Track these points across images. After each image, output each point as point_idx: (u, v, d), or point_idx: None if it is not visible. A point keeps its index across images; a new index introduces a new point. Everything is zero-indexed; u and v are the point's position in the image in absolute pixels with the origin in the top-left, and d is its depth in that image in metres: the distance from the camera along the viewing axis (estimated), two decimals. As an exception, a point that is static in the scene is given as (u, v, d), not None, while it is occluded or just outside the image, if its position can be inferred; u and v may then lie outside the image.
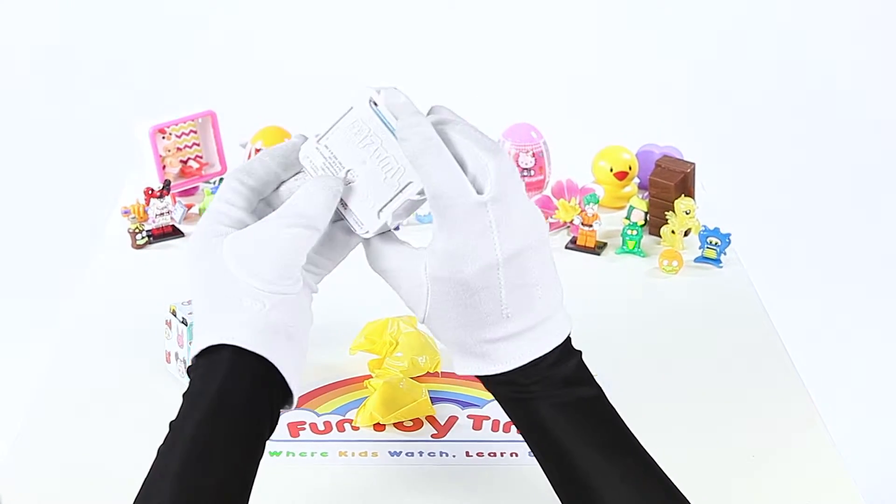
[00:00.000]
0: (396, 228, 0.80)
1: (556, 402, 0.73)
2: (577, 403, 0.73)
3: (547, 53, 2.86)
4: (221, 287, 0.73)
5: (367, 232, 0.77)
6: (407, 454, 0.96)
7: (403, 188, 0.75)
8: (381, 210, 0.76)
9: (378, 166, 0.76)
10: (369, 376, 1.05)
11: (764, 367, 1.09)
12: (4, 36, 2.87)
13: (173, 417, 0.73)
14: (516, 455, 0.95)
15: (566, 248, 1.31)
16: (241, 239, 0.74)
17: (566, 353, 0.75)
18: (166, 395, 1.00)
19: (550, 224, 1.33)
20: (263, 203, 0.78)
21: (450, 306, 0.72)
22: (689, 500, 0.72)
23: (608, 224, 1.34)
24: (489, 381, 0.75)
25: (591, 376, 0.76)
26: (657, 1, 2.97)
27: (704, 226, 1.28)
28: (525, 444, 0.96)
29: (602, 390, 0.76)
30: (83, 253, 1.37)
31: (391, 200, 0.76)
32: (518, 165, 1.37)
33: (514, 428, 0.98)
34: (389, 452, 0.96)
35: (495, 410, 1.00)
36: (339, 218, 0.78)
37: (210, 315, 0.73)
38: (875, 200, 2.60)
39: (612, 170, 1.39)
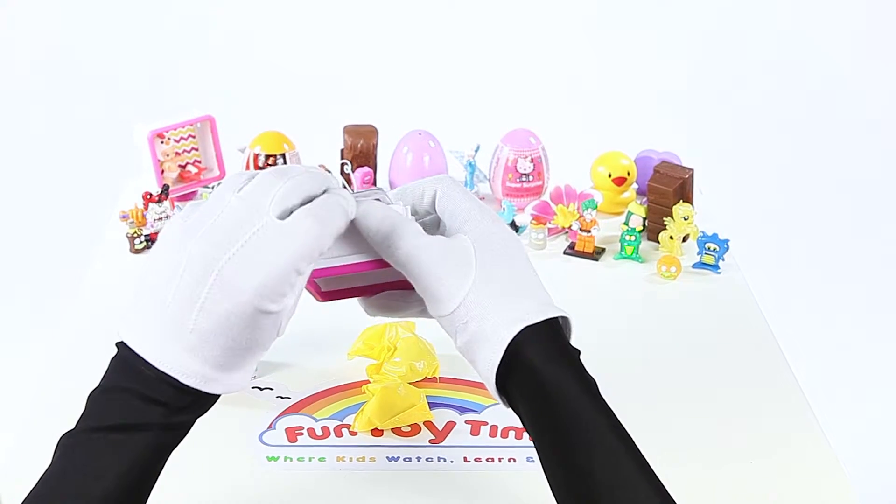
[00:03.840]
0: None
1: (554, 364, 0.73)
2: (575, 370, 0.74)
3: (546, 59, 2.86)
4: (264, 343, 0.71)
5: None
6: (405, 459, 0.96)
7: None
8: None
9: None
10: (367, 381, 1.05)
11: (762, 372, 1.09)
12: (5, 40, 2.88)
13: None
14: (514, 461, 0.95)
15: (564, 253, 1.31)
16: (293, 306, 0.72)
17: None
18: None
19: (549, 230, 1.33)
20: None
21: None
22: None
23: (606, 230, 1.35)
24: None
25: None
26: (656, 8, 2.97)
27: (703, 231, 1.28)
28: (522, 450, 0.96)
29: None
30: (83, 256, 1.37)
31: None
32: (517, 171, 1.37)
33: (511, 434, 0.98)
34: (387, 458, 0.96)
35: (493, 416, 1.00)
36: None
37: (231, 361, 0.70)
38: (873, 207, 2.60)
39: (610, 175, 1.39)
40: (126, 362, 0.70)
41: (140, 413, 0.69)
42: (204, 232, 0.69)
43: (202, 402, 0.71)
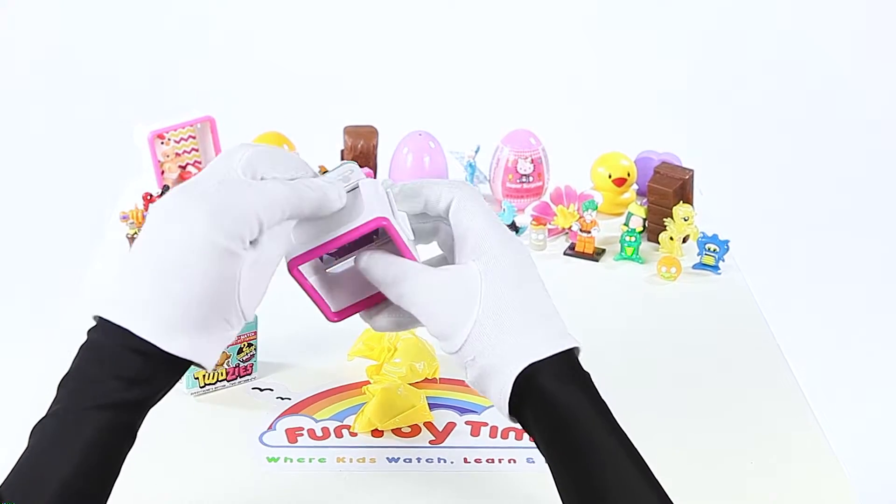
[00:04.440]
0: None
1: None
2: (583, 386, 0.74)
3: (546, 60, 2.86)
4: (222, 306, 0.71)
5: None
6: (405, 460, 0.96)
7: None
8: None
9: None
10: (367, 382, 1.05)
11: (761, 372, 1.09)
12: (5, 40, 2.88)
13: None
14: (514, 461, 0.95)
15: (564, 254, 1.31)
16: (253, 269, 0.71)
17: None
18: (163, 399, 1.00)
19: (549, 230, 1.33)
20: None
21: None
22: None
23: (607, 230, 1.35)
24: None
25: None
26: (656, 9, 2.97)
27: (703, 232, 1.28)
28: (523, 451, 0.96)
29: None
30: (83, 256, 1.37)
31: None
32: (517, 172, 1.38)
33: (512, 434, 0.98)
34: (387, 459, 0.96)
35: (493, 417, 1.00)
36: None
37: (196, 322, 0.70)
38: (873, 207, 2.60)
39: (610, 176, 1.39)
40: (90, 340, 0.71)
41: (95, 391, 0.68)
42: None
43: (163, 372, 0.70)
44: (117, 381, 0.69)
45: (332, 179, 0.77)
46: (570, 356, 0.74)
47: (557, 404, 0.72)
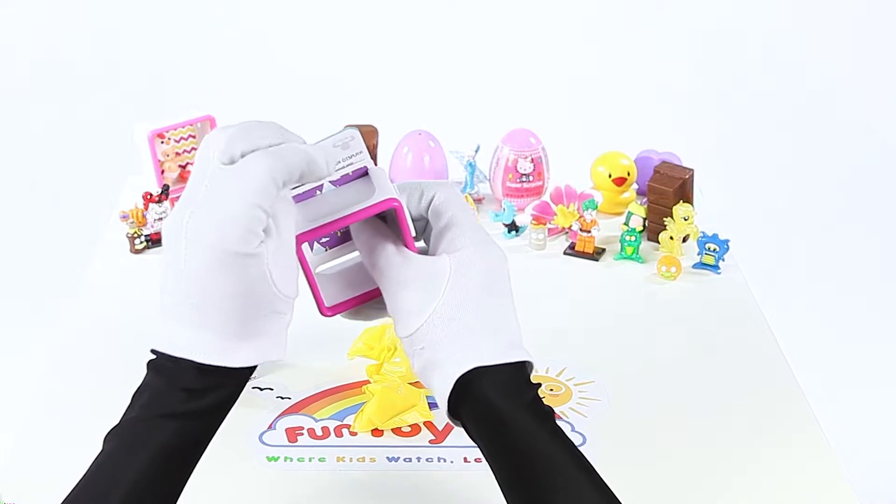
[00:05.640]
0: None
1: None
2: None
3: (546, 59, 2.86)
4: (266, 304, 0.71)
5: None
6: (405, 460, 0.96)
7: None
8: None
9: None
10: (367, 381, 1.05)
11: (761, 371, 1.09)
12: (4, 39, 2.87)
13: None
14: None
15: (564, 253, 1.31)
16: (277, 256, 0.71)
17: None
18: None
19: (549, 230, 1.33)
20: None
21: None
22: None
23: (607, 230, 1.35)
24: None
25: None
26: (656, 7, 2.97)
27: (703, 232, 1.28)
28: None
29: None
30: (83, 256, 1.37)
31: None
32: (517, 171, 1.37)
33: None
34: (387, 458, 0.96)
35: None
36: None
37: (248, 329, 0.70)
38: (873, 207, 2.60)
39: (610, 175, 1.39)
40: (155, 362, 0.71)
41: (161, 401, 0.69)
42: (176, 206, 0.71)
43: (226, 380, 0.71)
44: (185, 393, 0.69)
45: (325, 146, 0.75)
46: (519, 369, 0.73)
47: (494, 411, 0.71)
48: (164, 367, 0.70)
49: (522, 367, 0.73)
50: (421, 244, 0.80)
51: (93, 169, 2.45)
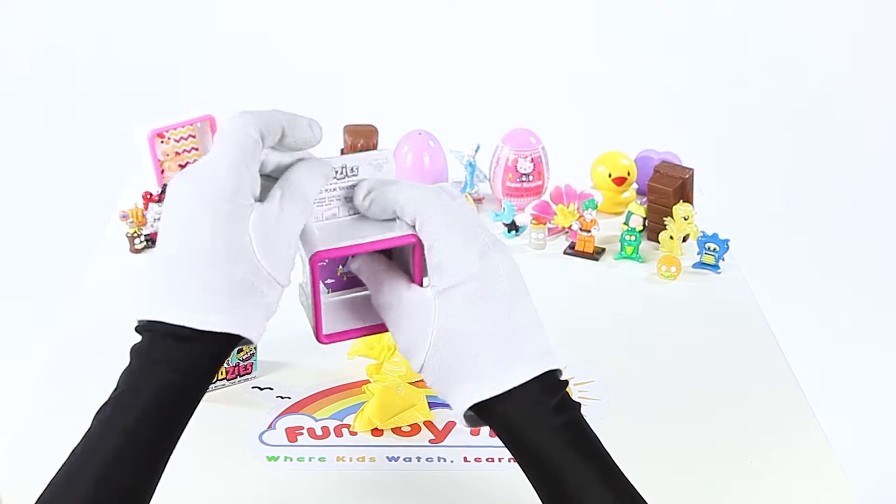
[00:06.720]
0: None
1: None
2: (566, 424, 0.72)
3: (546, 59, 2.86)
4: (243, 268, 0.70)
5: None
6: (405, 459, 0.96)
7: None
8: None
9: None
10: (367, 381, 1.05)
11: (761, 371, 1.09)
12: (4, 40, 2.87)
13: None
14: (514, 460, 0.95)
15: (564, 253, 1.31)
16: (263, 222, 0.70)
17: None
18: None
19: (549, 229, 1.33)
20: None
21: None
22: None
23: (607, 229, 1.35)
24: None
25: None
26: (656, 7, 2.97)
27: (703, 231, 1.28)
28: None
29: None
30: (83, 255, 1.37)
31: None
32: (517, 171, 1.37)
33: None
34: (387, 458, 0.96)
35: (493, 416, 1.00)
36: None
37: (223, 295, 0.69)
38: (873, 207, 2.60)
39: (610, 175, 1.39)
40: (137, 343, 0.71)
41: (148, 375, 0.69)
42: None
43: (201, 347, 0.70)
44: (168, 365, 0.69)
45: (357, 160, 0.77)
46: (535, 381, 0.71)
47: (509, 431, 0.71)
48: (142, 337, 0.70)
49: (542, 375, 0.71)
50: None
51: (93, 169, 2.45)
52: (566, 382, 0.73)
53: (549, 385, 0.72)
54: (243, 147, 0.71)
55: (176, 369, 0.69)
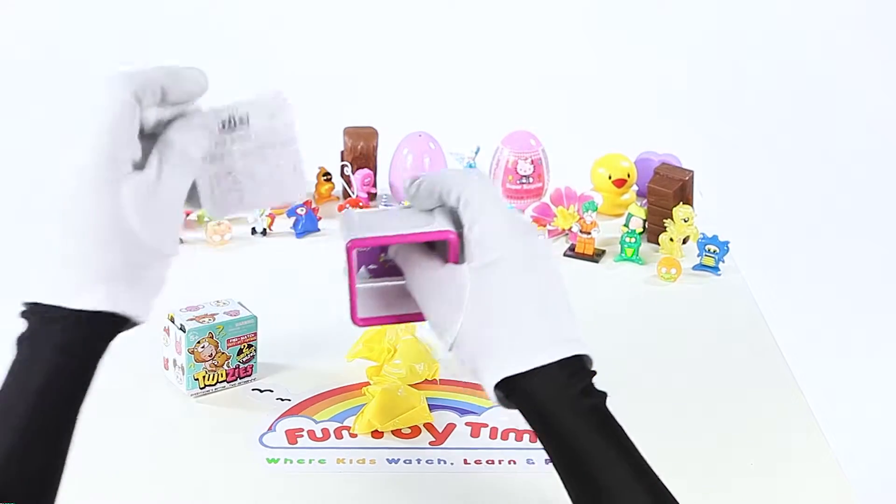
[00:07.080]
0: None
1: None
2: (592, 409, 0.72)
3: (546, 61, 2.86)
4: (117, 244, 0.67)
5: None
6: (405, 461, 0.96)
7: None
8: None
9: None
10: (367, 383, 1.05)
11: (761, 373, 1.09)
12: (4, 40, 2.88)
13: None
14: (514, 462, 0.95)
15: (565, 255, 1.31)
16: (140, 192, 0.68)
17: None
18: (163, 401, 1.01)
19: (549, 231, 1.33)
20: None
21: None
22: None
23: (607, 231, 1.35)
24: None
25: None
26: (656, 10, 2.97)
27: (703, 233, 1.28)
28: (522, 452, 0.96)
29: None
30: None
31: None
32: (517, 172, 1.38)
33: (511, 436, 0.98)
34: (387, 460, 0.96)
35: (493, 418, 1.00)
36: None
37: (96, 273, 0.67)
38: (873, 207, 2.60)
39: (610, 177, 1.39)
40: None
41: (33, 345, 0.68)
42: None
43: (95, 329, 0.69)
44: (53, 350, 0.67)
45: (245, 108, 0.77)
46: (565, 363, 0.72)
47: (538, 411, 0.71)
48: (29, 328, 0.69)
49: (570, 359, 0.72)
50: None
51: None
52: (594, 372, 0.73)
53: (577, 370, 0.72)
54: (113, 112, 0.68)
55: (61, 353, 0.67)
